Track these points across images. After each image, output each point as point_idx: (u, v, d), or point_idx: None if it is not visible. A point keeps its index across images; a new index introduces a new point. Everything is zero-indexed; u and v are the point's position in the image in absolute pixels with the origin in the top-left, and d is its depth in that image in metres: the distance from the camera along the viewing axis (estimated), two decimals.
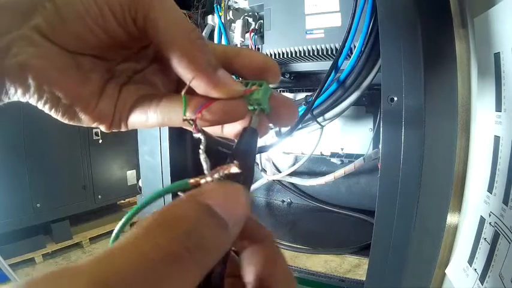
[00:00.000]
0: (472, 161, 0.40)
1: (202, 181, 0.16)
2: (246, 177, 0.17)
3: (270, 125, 0.22)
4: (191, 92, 0.20)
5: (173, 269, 0.12)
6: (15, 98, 0.20)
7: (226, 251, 0.15)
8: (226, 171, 0.15)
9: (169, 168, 0.62)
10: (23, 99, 0.20)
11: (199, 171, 0.17)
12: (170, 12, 0.19)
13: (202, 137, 0.19)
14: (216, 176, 0.15)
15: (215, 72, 0.19)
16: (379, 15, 0.40)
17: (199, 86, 0.19)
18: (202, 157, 0.18)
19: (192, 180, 0.16)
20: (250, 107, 0.20)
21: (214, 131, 0.22)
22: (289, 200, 0.79)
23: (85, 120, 0.22)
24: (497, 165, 0.33)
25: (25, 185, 1.87)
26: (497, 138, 0.34)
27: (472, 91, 0.41)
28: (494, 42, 0.33)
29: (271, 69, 0.21)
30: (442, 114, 0.41)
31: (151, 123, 0.22)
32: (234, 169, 0.15)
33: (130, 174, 2.39)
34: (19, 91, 0.19)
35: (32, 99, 0.20)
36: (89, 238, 2.22)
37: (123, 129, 0.23)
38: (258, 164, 0.76)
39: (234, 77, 0.20)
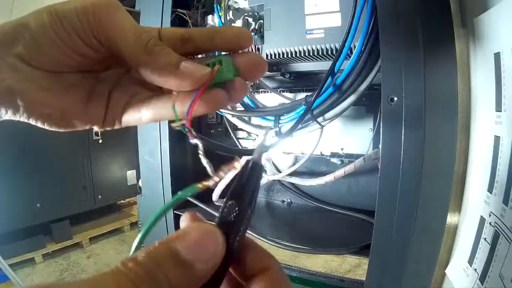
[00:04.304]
0: (472, 161, 0.40)
1: (211, 183, 0.17)
2: (241, 215, 0.17)
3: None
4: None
5: None
6: (6, 117, 0.22)
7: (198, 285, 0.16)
8: (231, 168, 0.17)
9: (169, 168, 0.62)
10: (15, 118, 0.22)
11: (198, 172, 0.17)
12: (127, 30, 0.21)
13: (199, 142, 0.20)
14: (222, 174, 0.17)
15: (177, 68, 0.21)
16: (379, 15, 0.40)
17: (171, 86, 0.22)
18: (205, 161, 0.19)
19: (199, 185, 0.17)
20: (220, 80, 0.21)
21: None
22: (289, 200, 0.79)
23: (77, 125, 0.24)
24: (497, 165, 0.33)
25: (25, 185, 1.87)
26: (497, 138, 0.34)
27: (472, 91, 0.41)
28: (494, 42, 0.33)
29: (244, 38, 0.23)
30: (442, 114, 0.41)
31: (145, 120, 0.24)
32: (237, 165, 0.17)
33: (131, 174, 2.39)
34: (9, 111, 0.22)
35: (22, 118, 0.22)
36: (89, 238, 2.22)
37: (116, 127, 0.25)
38: None
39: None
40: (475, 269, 0.35)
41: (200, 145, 0.19)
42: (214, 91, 0.21)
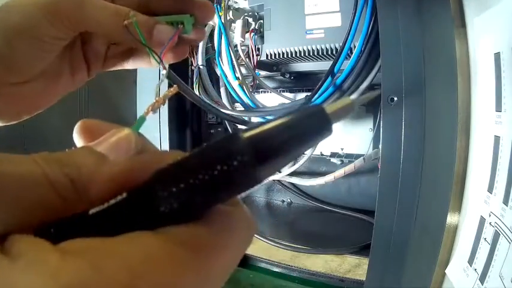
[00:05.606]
0: (472, 161, 0.40)
1: (156, 106, 0.19)
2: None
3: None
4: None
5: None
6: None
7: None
8: (170, 94, 0.20)
9: None
10: None
11: None
12: (104, 24, 0.22)
13: (165, 70, 0.23)
14: (162, 98, 0.19)
15: (152, 39, 0.23)
16: (379, 15, 0.40)
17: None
18: (156, 90, 0.21)
19: (146, 110, 0.19)
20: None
21: None
22: (289, 200, 0.79)
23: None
24: (497, 165, 0.33)
25: None
26: (497, 138, 0.34)
27: (472, 91, 0.41)
28: (494, 42, 0.33)
29: None
30: (442, 114, 0.41)
31: (128, 67, 0.27)
32: (174, 89, 0.20)
33: None
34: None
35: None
36: None
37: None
38: None
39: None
40: (475, 269, 0.35)
41: (165, 72, 0.23)
42: (180, 46, 0.25)
